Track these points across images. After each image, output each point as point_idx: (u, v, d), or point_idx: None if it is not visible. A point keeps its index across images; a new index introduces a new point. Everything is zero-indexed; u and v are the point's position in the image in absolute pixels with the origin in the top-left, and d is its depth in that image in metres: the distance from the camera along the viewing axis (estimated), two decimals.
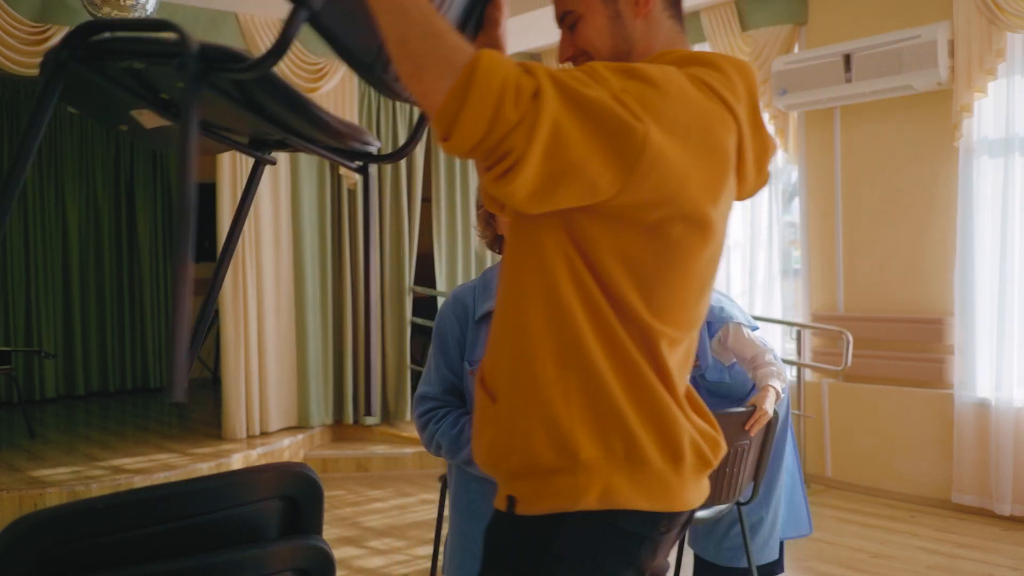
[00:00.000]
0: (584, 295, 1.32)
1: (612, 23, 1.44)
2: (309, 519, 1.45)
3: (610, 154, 1.21)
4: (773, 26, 5.70)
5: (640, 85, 1.25)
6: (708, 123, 1.31)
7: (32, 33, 5.25)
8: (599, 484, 1.30)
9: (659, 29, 1.45)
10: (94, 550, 1.28)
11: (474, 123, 1.16)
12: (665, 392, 1.36)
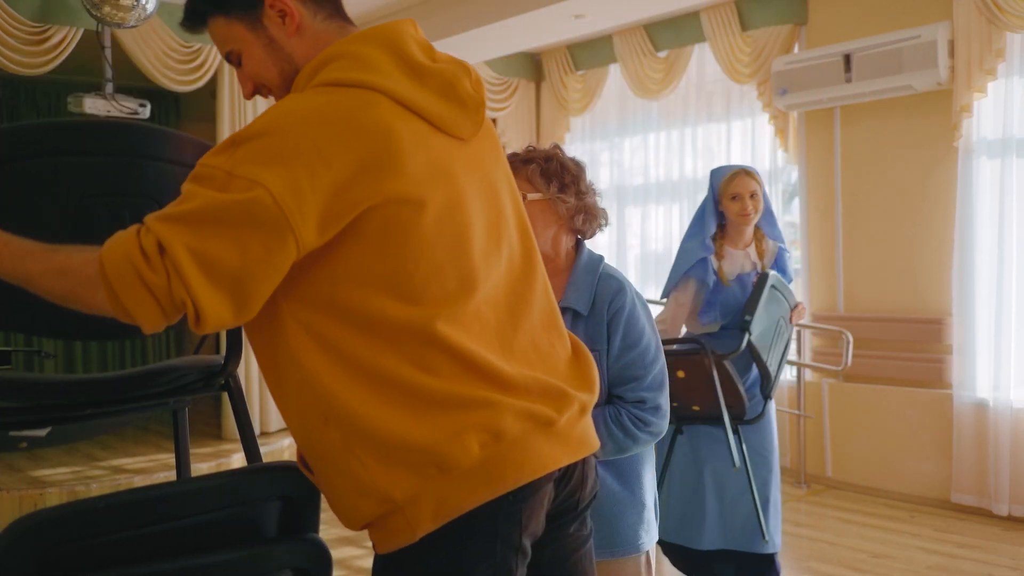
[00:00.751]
0: (318, 344, 1.33)
1: (268, 50, 1.46)
2: (307, 518, 1.45)
3: (261, 232, 1.24)
4: (773, 26, 5.70)
5: (249, 145, 1.27)
6: (346, 116, 1.31)
7: (32, 33, 5.25)
8: (428, 508, 1.32)
9: (317, 37, 1.47)
10: (94, 550, 1.28)
11: (141, 305, 1.24)
12: (448, 382, 1.34)
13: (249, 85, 1.50)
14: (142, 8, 4.88)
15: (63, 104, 5.76)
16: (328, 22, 1.49)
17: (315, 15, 1.48)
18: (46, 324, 1.39)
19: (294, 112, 1.31)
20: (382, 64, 1.38)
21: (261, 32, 1.45)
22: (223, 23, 1.46)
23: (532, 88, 7.51)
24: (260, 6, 1.45)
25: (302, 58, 1.45)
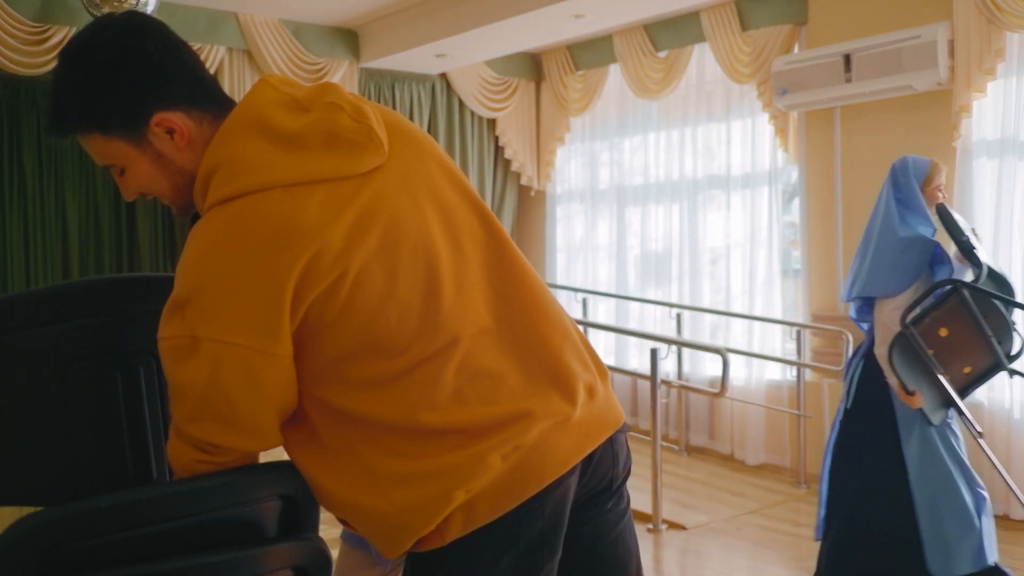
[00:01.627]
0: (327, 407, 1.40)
1: (157, 164, 1.40)
2: (307, 518, 1.45)
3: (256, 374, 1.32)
4: (773, 26, 5.71)
5: (192, 308, 1.29)
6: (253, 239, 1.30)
7: (32, 33, 5.26)
8: (459, 522, 1.37)
9: (207, 144, 1.39)
10: (95, 550, 1.28)
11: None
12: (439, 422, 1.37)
13: (133, 193, 1.47)
14: (141, 8, 4.89)
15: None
16: (213, 125, 1.39)
17: (200, 123, 1.39)
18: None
19: (205, 255, 1.30)
20: (256, 155, 1.32)
21: (147, 148, 1.38)
22: (100, 139, 1.39)
23: (532, 88, 7.51)
24: (144, 125, 1.37)
25: (195, 168, 1.39)
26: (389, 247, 1.35)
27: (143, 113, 1.36)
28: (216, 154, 1.34)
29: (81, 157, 8.39)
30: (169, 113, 1.37)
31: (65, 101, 1.37)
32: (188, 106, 1.39)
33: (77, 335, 1.40)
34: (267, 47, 6.09)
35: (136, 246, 8.74)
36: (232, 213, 1.30)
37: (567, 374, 1.45)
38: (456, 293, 1.39)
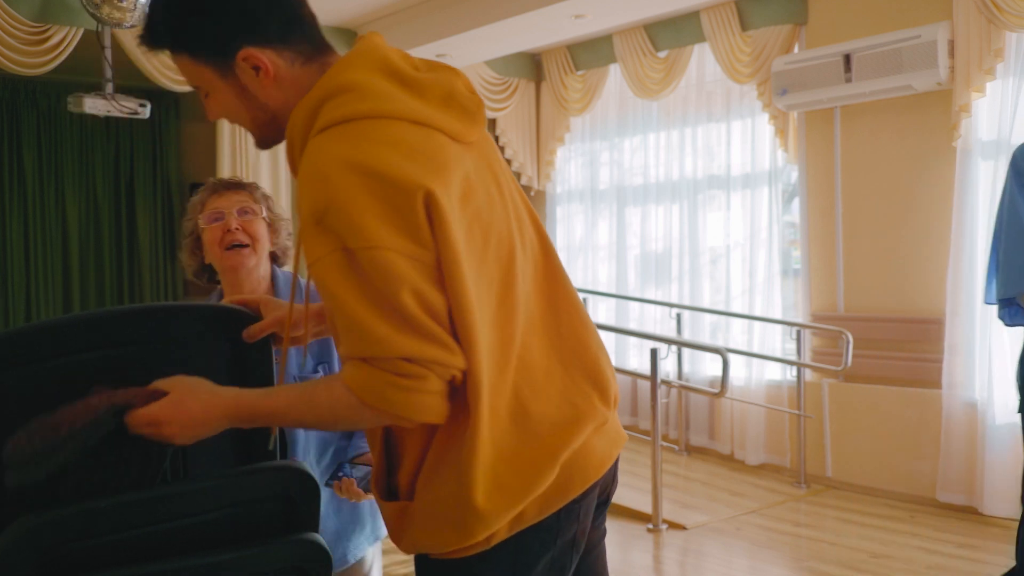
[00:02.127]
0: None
1: (241, 97, 1.41)
2: (307, 518, 1.45)
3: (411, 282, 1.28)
4: (773, 26, 5.71)
5: (331, 221, 1.25)
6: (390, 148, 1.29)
7: (32, 33, 5.25)
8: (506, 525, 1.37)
9: (297, 83, 1.39)
10: (96, 550, 1.28)
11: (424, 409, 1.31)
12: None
13: (215, 116, 1.48)
14: (142, 8, 4.88)
15: (63, 104, 5.76)
16: (307, 66, 1.40)
17: (292, 63, 1.39)
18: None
19: (337, 165, 1.26)
20: (383, 88, 1.33)
21: (232, 80, 1.39)
22: (189, 61, 1.40)
23: (532, 88, 7.51)
24: (231, 58, 1.37)
25: (279, 106, 1.40)
26: (482, 222, 1.36)
27: (231, 47, 1.37)
28: (337, 80, 1.33)
29: (81, 157, 8.38)
30: (258, 50, 1.37)
31: (158, 20, 1.39)
32: (280, 45, 1.38)
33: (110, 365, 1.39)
34: None
35: (136, 246, 8.74)
36: (360, 128, 1.29)
37: (605, 379, 1.47)
38: (521, 288, 1.41)
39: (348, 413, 1.32)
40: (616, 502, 5.60)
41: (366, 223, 1.24)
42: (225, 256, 2.18)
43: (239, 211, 2.20)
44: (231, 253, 2.18)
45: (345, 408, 1.31)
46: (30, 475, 1.26)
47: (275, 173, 6.33)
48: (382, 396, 1.28)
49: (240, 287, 2.21)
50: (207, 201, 2.22)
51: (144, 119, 5.66)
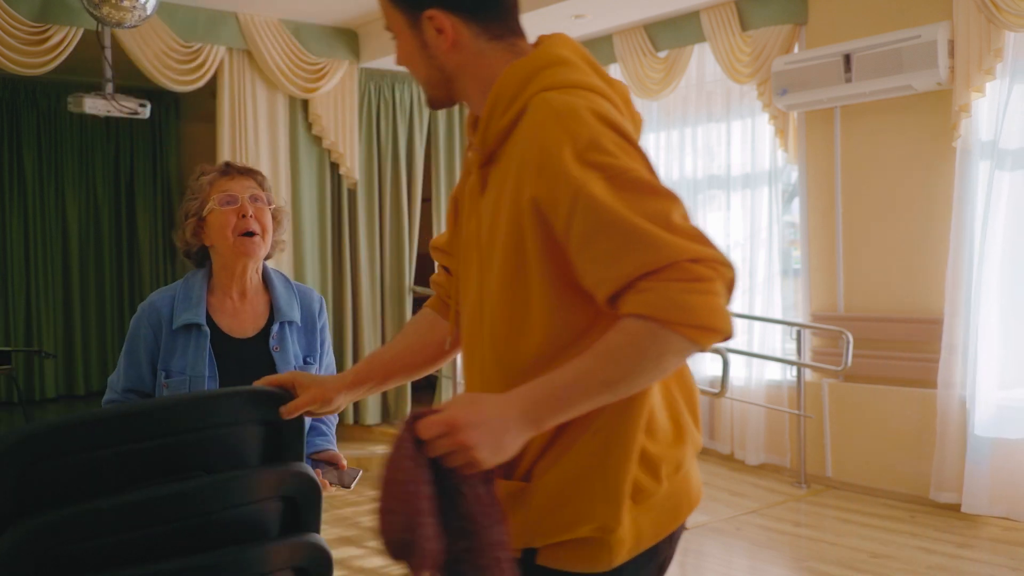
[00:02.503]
0: None
1: (421, 51, 1.45)
2: (308, 518, 1.45)
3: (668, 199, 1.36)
4: (773, 26, 5.70)
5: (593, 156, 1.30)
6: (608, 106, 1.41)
7: (32, 33, 5.25)
8: (629, 541, 1.36)
9: (480, 55, 1.43)
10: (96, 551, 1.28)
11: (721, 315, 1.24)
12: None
13: (399, 60, 1.52)
14: (142, 8, 4.88)
15: (63, 104, 5.75)
16: (496, 42, 1.44)
17: (478, 36, 1.43)
18: None
19: (587, 113, 1.31)
20: (586, 70, 1.42)
21: (417, 32, 1.44)
22: (387, 5, 1.47)
23: None
24: (420, 13, 1.43)
25: (454, 69, 1.45)
26: None
27: (423, 3, 1.41)
28: (552, 53, 1.41)
29: (81, 157, 8.39)
30: (445, 14, 1.41)
31: None
32: (469, 17, 1.42)
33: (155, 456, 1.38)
34: (267, 47, 6.09)
35: (136, 246, 8.74)
36: (581, 93, 1.36)
37: (697, 406, 1.47)
38: None
39: (652, 345, 1.22)
40: None
41: (622, 157, 1.30)
42: (238, 242, 2.15)
43: (250, 197, 2.18)
44: (244, 240, 2.15)
45: (649, 339, 1.22)
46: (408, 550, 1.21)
47: (275, 173, 6.33)
48: (682, 305, 1.20)
49: (242, 276, 2.20)
50: (217, 183, 2.18)
51: (144, 119, 5.66)
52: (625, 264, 1.23)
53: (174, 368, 2.12)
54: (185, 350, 2.12)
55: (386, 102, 6.84)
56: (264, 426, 1.45)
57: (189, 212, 2.19)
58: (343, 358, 6.73)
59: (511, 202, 1.34)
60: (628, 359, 1.23)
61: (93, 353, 8.48)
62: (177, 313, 2.13)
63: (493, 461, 1.23)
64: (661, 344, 1.22)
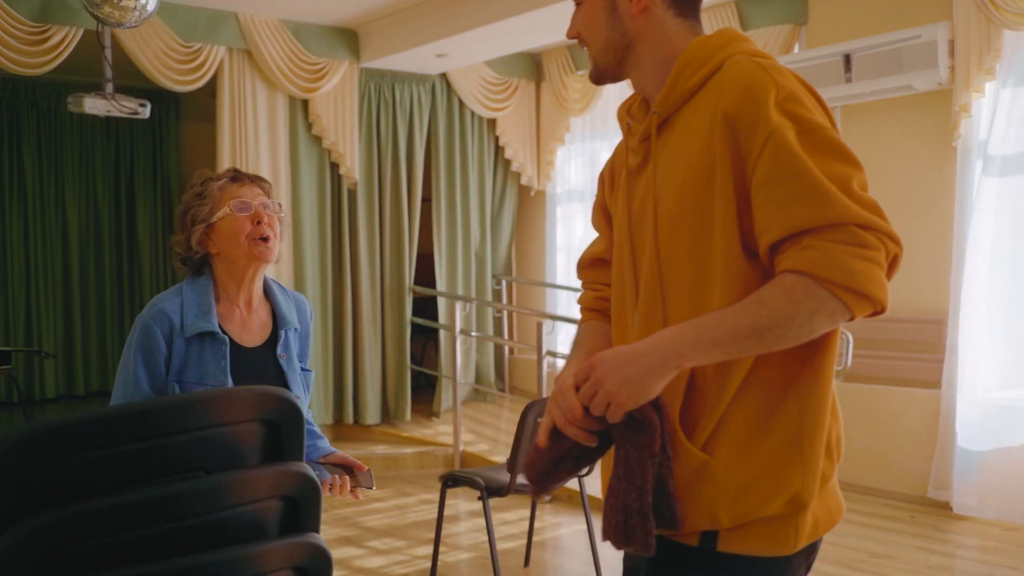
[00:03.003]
0: None
1: (608, 14, 1.46)
2: (307, 518, 1.45)
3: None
4: (773, 26, 5.71)
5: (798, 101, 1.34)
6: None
7: (32, 33, 5.25)
8: (808, 524, 1.36)
9: (664, 27, 1.45)
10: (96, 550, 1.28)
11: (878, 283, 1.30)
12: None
13: (574, 29, 1.52)
14: (142, 8, 4.88)
15: (63, 104, 5.76)
16: (680, 20, 1.47)
17: (667, 9, 1.46)
18: None
19: (783, 71, 1.35)
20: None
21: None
22: None
23: (532, 88, 7.51)
24: None
25: (636, 38, 1.46)
26: None
27: None
28: (733, 31, 1.45)
29: (81, 157, 8.39)
30: None
31: None
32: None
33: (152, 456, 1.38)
34: (267, 47, 6.09)
35: (136, 245, 8.74)
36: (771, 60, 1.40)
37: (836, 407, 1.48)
38: None
39: (807, 299, 1.23)
40: None
41: (817, 115, 1.31)
42: (252, 247, 2.14)
43: (261, 204, 2.18)
44: (259, 244, 2.15)
45: (805, 294, 1.23)
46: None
47: (275, 173, 6.33)
48: (844, 266, 1.22)
49: (250, 283, 2.19)
50: (228, 189, 2.17)
51: (144, 119, 5.66)
52: (796, 213, 1.24)
53: (188, 378, 2.09)
54: (200, 359, 2.10)
55: (386, 102, 6.84)
56: (264, 426, 1.45)
57: (197, 218, 2.16)
58: (343, 358, 6.73)
59: (700, 153, 1.35)
60: (780, 310, 1.24)
61: (93, 353, 8.48)
62: (188, 321, 2.11)
63: (632, 399, 1.26)
64: (816, 301, 1.23)
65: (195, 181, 2.22)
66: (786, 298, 1.24)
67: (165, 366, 2.09)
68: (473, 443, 6.25)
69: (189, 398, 1.39)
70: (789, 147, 1.26)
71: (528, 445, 3.70)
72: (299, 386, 2.23)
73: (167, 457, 1.35)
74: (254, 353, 2.18)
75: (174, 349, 2.10)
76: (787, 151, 1.26)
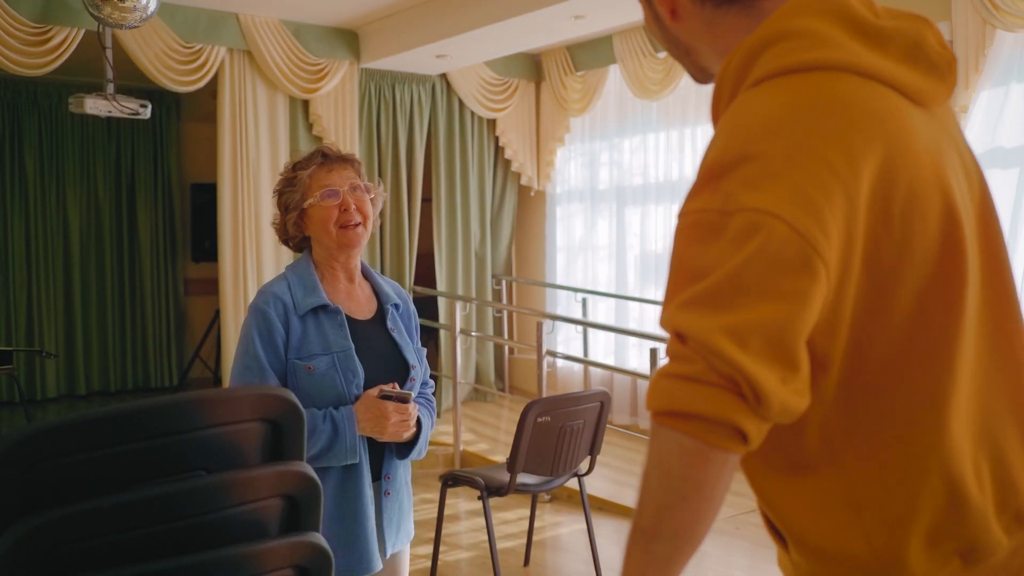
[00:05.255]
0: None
1: (655, 25, 1.32)
2: (308, 517, 1.46)
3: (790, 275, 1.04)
4: None
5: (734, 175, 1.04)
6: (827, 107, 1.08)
7: (33, 33, 5.26)
8: None
9: (711, 27, 1.23)
10: (97, 550, 1.29)
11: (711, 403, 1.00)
12: None
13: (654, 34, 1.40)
14: (143, 9, 4.89)
15: (64, 105, 5.77)
16: (725, 8, 1.19)
17: (702, 5, 1.20)
18: None
19: (764, 121, 1.05)
20: (832, 34, 1.10)
21: (648, 4, 1.28)
22: None
23: (532, 88, 7.52)
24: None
25: (688, 41, 1.26)
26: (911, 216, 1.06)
27: None
28: (779, 25, 1.11)
29: (82, 157, 8.40)
30: None
31: None
32: None
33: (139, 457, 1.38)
34: (267, 47, 6.10)
35: (137, 246, 8.75)
36: (799, 83, 1.07)
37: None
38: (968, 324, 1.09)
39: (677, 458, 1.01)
40: (616, 501, 5.58)
41: (769, 188, 1.00)
42: (340, 234, 2.18)
43: (350, 188, 2.21)
44: (347, 232, 2.18)
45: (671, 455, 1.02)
46: None
47: (275, 174, 6.34)
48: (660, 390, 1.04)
49: (346, 263, 2.24)
50: (316, 175, 2.20)
51: (145, 120, 5.67)
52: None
53: (314, 350, 2.13)
54: (320, 332, 2.14)
55: (386, 102, 6.85)
56: (265, 425, 1.46)
57: (290, 205, 2.21)
58: None
59: None
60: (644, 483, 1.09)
61: (94, 353, 8.49)
62: (299, 299, 2.16)
63: None
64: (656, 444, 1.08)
65: (285, 165, 2.28)
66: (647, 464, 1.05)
67: (284, 347, 2.13)
68: (473, 443, 6.25)
69: (189, 398, 1.39)
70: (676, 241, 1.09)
71: (527, 445, 3.71)
72: (413, 357, 2.29)
73: (168, 457, 1.35)
74: (366, 325, 2.23)
75: (291, 329, 2.14)
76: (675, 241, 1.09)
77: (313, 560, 1.45)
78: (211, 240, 7.04)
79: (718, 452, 0.99)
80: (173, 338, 8.75)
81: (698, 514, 1.02)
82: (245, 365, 2.12)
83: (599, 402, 4.01)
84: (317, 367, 2.11)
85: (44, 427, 1.28)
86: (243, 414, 1.43)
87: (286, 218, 2.23)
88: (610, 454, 5.55)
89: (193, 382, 8.60)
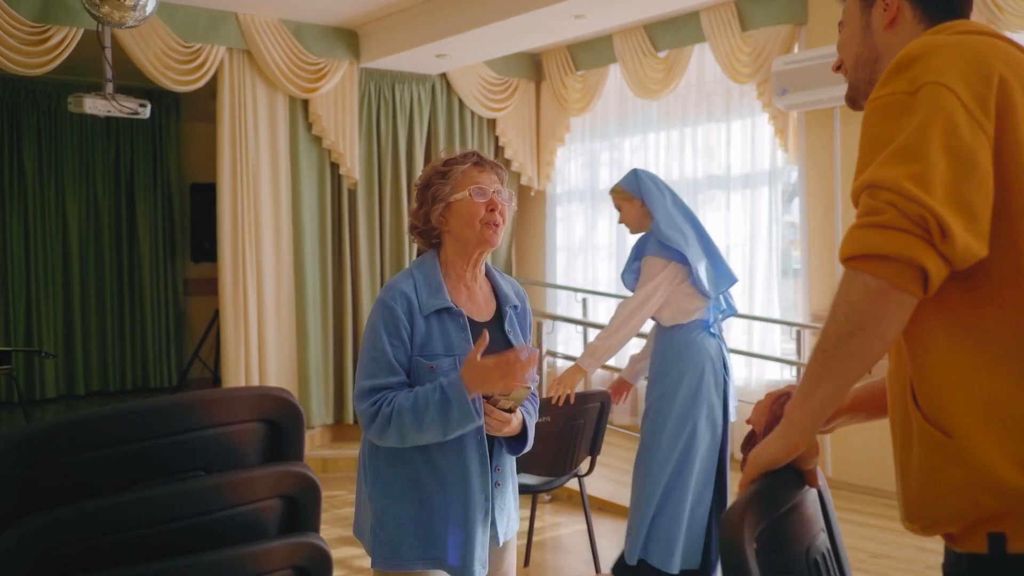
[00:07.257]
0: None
1: (863, 31, 1.50)
2: (308, 518, 1.46)
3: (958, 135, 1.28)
4: (773, 26, 5.71)
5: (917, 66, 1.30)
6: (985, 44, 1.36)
7: (32, 33, 5.25)
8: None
9: (910, 40, 1.40)
10: (96, 550, 1.29)
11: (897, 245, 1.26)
12: None
13: (839, 47, 1.55)
14: (142, 8, 4.89)
15: (63, 104, 5.76)
16: (932, 26, 1.43)
17: (919, 20, 1.45)
18: None
19: (934, 39, 1.32)
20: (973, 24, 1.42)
21: (867, 14, 1.49)
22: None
23: (532, 88, 7.52)
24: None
25: (884, 51, 1.47)
26: None
27: None
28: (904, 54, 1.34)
29: (81, 157, 8.39)
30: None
31: None
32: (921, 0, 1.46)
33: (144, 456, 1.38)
34: (267, 47, 6.09)
35: (136, 246, 8.74)
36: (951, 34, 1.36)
37: None
38: None
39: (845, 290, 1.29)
40: (616, 502, 5.56)
41: (949, 69, 1.26)
42: (484, 231, 2.26)
43: (495, 192, 2.30)
44: (489, 229, 2.27)
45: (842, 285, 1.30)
46: None
47: (275, 173, 6.34)
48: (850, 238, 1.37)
49: (477, 262, 2.31)
50: (469, 173, 2.28)
51: (144, 119, 5.66)
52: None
53: (436, 351, 2.18)
54: (443, 333, 2.20)
55: (386, 102, 6.85)
56: (264, 426, 1.45)
57: (437, 196, 2.28)
58: (343, 358, 6.73)
59: None
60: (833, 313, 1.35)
61: (93, 353, 8.48)
62: (424, 299, 2.21)
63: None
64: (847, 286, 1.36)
65: (439, 159, 2.35)
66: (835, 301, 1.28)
67: (409, 342, 2.18)
68: None
69: (188, 398, 1.39)
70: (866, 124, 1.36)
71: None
72: None
73: (167, 457, 1.35)
74: (487, 327, 2.27)
75: (415, 326, 2.19)
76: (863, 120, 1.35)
77: (312, 561, 1.45)
78: (210, 240, 7.04)
79: (899, 292, 1.21)
80: (172, 338, 8.75)
81: (871, 345, 1.23)
82: (372, 357, 2.18)
83: (599, 402, 4.01)
84: (439, 367, 2.17)
85: (43, 427, 1.28)
86: (242, 414, 1.42)
87: (432, 208, 2.28)
88: (610, 454, 5.55)
89: (192, 382, 8.59)
